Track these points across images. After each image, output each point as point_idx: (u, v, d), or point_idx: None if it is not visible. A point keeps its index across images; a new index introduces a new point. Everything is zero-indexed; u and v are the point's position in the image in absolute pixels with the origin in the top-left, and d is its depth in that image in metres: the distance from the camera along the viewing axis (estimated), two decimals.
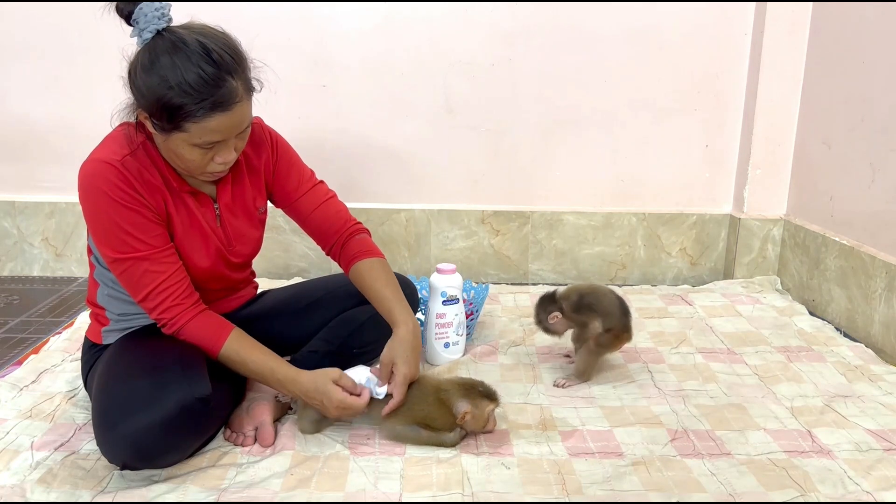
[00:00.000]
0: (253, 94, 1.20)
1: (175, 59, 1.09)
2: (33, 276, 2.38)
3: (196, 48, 1.10)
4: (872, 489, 1.17)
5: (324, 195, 1.44)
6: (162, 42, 1.11)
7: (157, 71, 1.09)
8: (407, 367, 1.29)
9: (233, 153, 1.20)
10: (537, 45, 2.21)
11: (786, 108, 2.19)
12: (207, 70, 1.09)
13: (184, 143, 1.14)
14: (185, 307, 1.24)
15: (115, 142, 1.21)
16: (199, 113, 1.10)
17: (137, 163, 1.20)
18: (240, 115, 1.15)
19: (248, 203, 1.37)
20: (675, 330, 1.89)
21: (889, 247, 1.78)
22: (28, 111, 2.25)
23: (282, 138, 1.42)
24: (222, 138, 1.15)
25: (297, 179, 1.41)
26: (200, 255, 1.30)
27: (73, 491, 1.15)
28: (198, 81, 1.09)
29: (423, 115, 2.28)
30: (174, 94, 1.09)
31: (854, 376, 1.60)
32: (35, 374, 1.56)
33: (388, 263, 1.44)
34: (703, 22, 2.20)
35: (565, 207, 2.36)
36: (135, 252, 1.20)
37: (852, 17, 1.92)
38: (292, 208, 1.43)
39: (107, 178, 1.17)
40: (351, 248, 1.42)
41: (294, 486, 1.16)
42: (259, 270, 2.35)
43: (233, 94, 1.12)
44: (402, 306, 1.35)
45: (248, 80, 1.17)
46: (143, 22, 1.11)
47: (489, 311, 2.03)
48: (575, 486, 1.17)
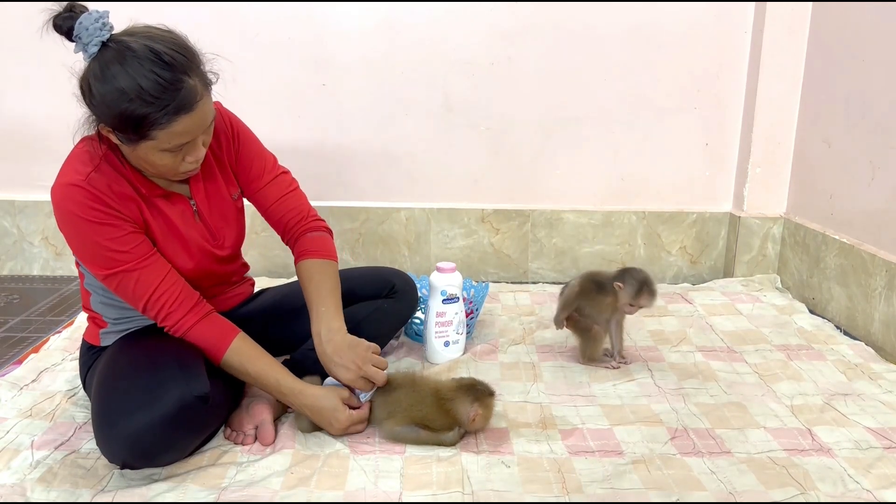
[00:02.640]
0: (211, 87, 1.17)
1: (126, 68, 1.06)
2: (33, 275, 2.38)
3: (146, 54, 1.07)
4: (872, 487, 1.17)
5: (286, 187, 1.42)
6: (108, 53, 1.08)
7: (112, 84, 1.07)
8: (343, 372, 1.27)
9: (202, 149, 1.19)
10: (537, 44, 2.21)
11: (786, 107, 2.19)
12: (164, 75, 1.07)
13: (153, 150, 1.13)
14: (185, 310, 1.24)
15: (78, 160, 1.19)
16: (164, 119, 1.08)
17: (104, 177, 1.18)
18: (203, 112, 1.13)
19: (222, 192, 1.35)
20: (674, 328, 1.89)
21: (889, 245, 1.78)
22: (28, 110, 2.26)
23: (242, 123, 1.39)
24: (190, 139, 1.14)
25: (260, 167, 1.39)
26: (184, 257, 1.29)
27: (73, 490, 1.15)
28: (156, 88, 1.06)
29: (423, 114, 2.27)
30: (135, 105, 1.07)
31: (854, 374, 1.60)
32: (35, 373, 1.56)
33: (335, 264, 1.41)
34: (703, 20, 2.20)
35: (565, 206, 2.36)
36: (121, 265, 1.20)
37: (852, 15, 1.92)
38: (254, 198, 1.41)
39: (76, 200, 1.16)
40: (301, 244, 1.41)
41: (294, 484, 1.16)
42: (259, 270, 2.36)
43: (193, 93, 1.10)
44: (321, 312, 1.32)
45: (204, 75, 1.15)
46: (87, 36, 1.08)
47: (489, 309, 2.03)
48: (575, 484, 1.17)
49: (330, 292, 1.35)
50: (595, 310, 1.60)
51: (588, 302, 1.60)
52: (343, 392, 1.29)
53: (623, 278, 1.56)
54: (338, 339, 1.30)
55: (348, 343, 1.30)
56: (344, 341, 1.30)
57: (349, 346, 1.29)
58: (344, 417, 1.27)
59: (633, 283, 1.54)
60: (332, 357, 1.28)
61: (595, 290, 1.59)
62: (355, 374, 1.28)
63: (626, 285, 1.55)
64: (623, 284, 1.55)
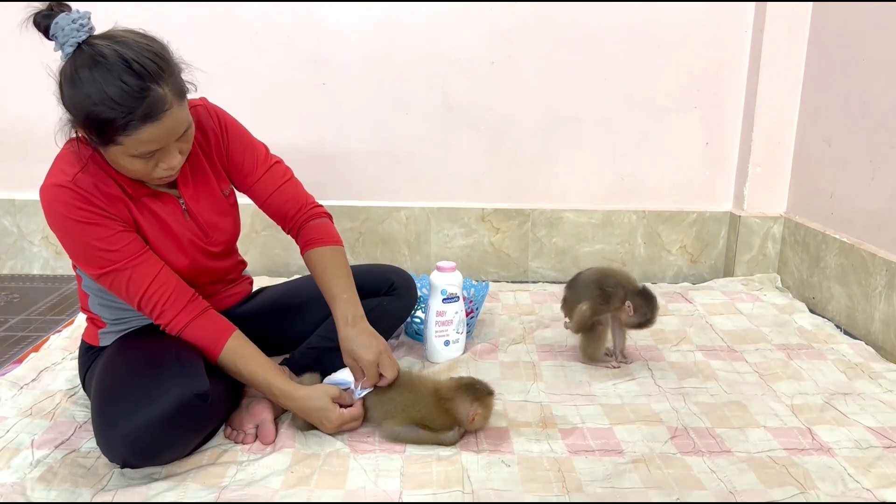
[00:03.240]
0: (187, 96, 1.16)
1: (95, 73, 1.06)
2: (33, 274, 2.38)
3: (116, 60, 1.06)
4: (872, 487, 1.17)
5: (282, 176, 1.41)
6: (81, 57, 1.07)
7: (80, 87, 1.06)
8: (366, 353, 1.29)
9: (177, 157, 1.17)
10: (537, 44, 2.21)
11: (786, 106, 2.19)
12: (130, 82, 1.06)
13: (122, 154, 1.12)
14: (179, 307, 1.24)
15: (65, 161, 1.19)
16: (129, 126, 1.07)
17: (91, 177, 1.18)
18: (172, 121, 1.12)
19: (212, 189, 1.35)
20: (675, 328, 1.89)
21: (889, 244, 1.78)
22: (28, 109, 2.26)
23: (230, 117, 1.38)
24: (159, 146, 1.13)
25: (252, 160, 1.38)
26: (178, 255, 1.29)
27: (73, 489, 1.15)
28: (121, 95, 1.05)
29: (422, 114, 2.27)
30: (100, 109, 1.06)
31: (854, 374, 1.60)
32: (35, 372, 1.56)
33: (343, 250, 1.42)
34: (703, 20, 2.20)
35: (565, 205, 2.36)
36: (112, 264, 1.19)
37: (852, 15, 1.92)
38: (251, 192, 1.41)
39: (63, 202, 1.16)
40: (306, 233, 1.41)
41: (294, 483, 1.16)
42: (259, 269, 2.36)
43: (160, 102, 1.08)
44: (342, 299, 1.34)
45: (178, 85, 1.13)
46: (62, 36, 1.08)
47: (489, 308, 2.03)
48: (575, 483, 1.17)
49: (347, 280, 1.37)
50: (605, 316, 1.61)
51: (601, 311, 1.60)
52: (333, 391, 1.29)
53: (635, 302, 1.56)
54: (362, 325, 1.33)
55: (370, 332, 1.33)
56: (368, 328, 1.34)
57: (371, 334, 1.33)
58: (335, 416, 1.27)
59: (638, 316, 1.56)
60: (356, 338, 1.31)
61: (602, 301, 1.58)
62: (375, 357, 1.30)
63: (635, 314, 1.56)
64: (632, 309, 1.56)
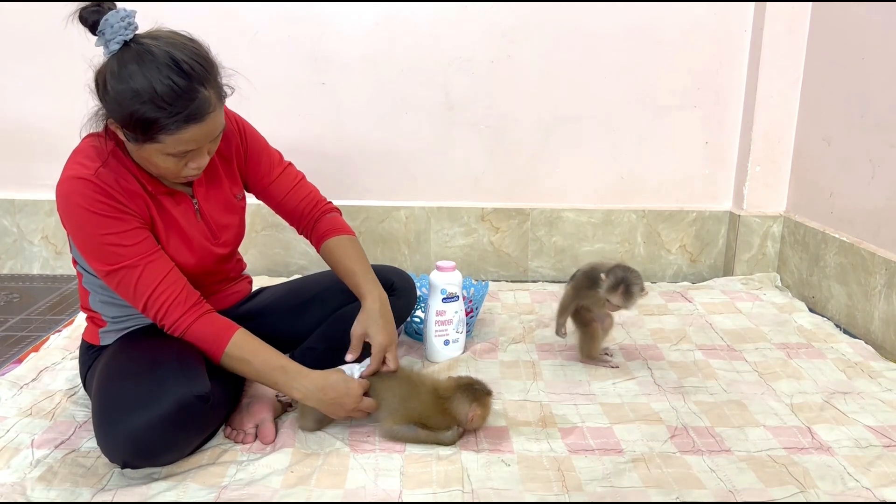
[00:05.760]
0: (225, 100, 1.18)
1: (145, 71, 1.07)
2: (33, 273, 2.38)
3: (165, 60, 1.08)
4: (872, 486, 1.17)
5: (294, 178, 1.46)
6: (130, 54, 1.08)
7: (128, 84, 1.07)
8: (381, 335, 1.31)
9: (206, 158, 1.19)
10: (537, 42, 2.21)
11: (785, 105, 2.19)
12: (179, 83, 1.08)
13: (157, 152, 1.13)
14: (185, 308, 1.23)
15: (85, 156, 1.19)
16: (174, 126, 1.09)
17: (112, 172, 1.19)
18: (213, 124, 1.14)
19: (225, 192, 1.36)
20: (674, 327, 1.89)
21: (889, 243, 1.78)
22: (28, 109, 2.26)
23: (248, 123, 1.41)
24: (196, 147, 1.15)
25: (267, 164, 1.42)
26: (187, 254, 1.30)
27: (73, 489, 1.15)
28: (170, 95, 1.07)
29: (422, 112, 2.27)
30: (147, 108, 1.07)
31: (854, 373, 1.60)
32: (35, 371, 1.57)
33: (357, 241, 1.46)
34: (702, 18, 2.20)
35: (565, 204, 2.36)
36: (125, 261, 1.19)
37: (852, 14, 1.92)
38: (266, 194, 1.44)
39: (83, 194, 1.16)
40: (321, 226, 1.45)
41: (294, 483, 1.16)
42: (259, 268, 2.36)
43: (206, 104, 1.11)
44: (369, 279, 1.38)
45: (219, 88, 1.16)
46: (110, 33, 1.09)
47: (489, 308, 2.03)
48: (575, 482, 1.18)
49: (368, 265, 1.41)
50: (590, 301, 1.60)
51: (585, 295, 1.60)
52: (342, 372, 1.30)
53: (609, 271, 1.54)
54: (387, 309, 1.36)
55: (391, 318, 1.36)
56: (391, 315, 1.36)
57: (390, 321, 1.35)
58: (356, 387, 1.26)
59: (612, 279, 1.52)
60: (378, 318, 1.32)
61: (588, 285, 1.58)
62: (386, 343, 1.32)
63: (606, 278, 1.53)
64: (605, 277, 1.53)
